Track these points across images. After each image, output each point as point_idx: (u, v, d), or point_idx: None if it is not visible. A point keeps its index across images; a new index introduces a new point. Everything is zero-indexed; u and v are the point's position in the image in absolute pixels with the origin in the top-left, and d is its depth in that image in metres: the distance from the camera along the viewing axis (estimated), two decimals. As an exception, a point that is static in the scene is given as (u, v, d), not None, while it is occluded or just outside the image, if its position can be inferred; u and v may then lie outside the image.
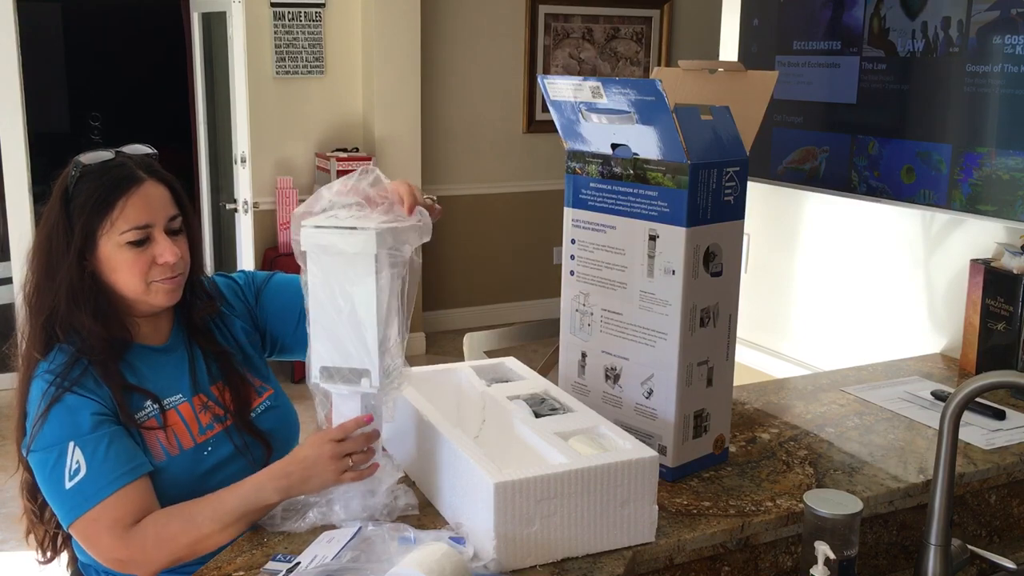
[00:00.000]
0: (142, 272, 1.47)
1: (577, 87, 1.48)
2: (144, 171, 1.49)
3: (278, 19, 4.98)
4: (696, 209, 1.42)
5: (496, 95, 5.81)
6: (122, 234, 1.45)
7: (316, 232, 1.30)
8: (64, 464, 1.39)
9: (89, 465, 1.39)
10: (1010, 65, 1.97)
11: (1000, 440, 1.72)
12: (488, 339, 2.33)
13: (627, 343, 1.52)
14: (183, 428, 1.52)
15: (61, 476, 1.40)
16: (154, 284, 1.49)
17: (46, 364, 1.46)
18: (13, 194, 4.63)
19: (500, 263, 6.00)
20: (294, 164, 5.17)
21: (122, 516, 1.39)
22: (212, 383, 1.58)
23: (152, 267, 1.48)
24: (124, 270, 1.47)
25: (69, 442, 1.40)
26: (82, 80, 8.30)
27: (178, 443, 1.50)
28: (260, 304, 1.70)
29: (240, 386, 1.60)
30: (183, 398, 1.54)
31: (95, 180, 1.47)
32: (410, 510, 1.38)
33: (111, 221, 1.45)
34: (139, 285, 1.48)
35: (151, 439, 1.48)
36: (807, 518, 1.31)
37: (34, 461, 1.45)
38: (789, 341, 2.71)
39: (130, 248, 1.46)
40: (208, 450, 1.52)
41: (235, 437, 1.56)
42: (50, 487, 1.43)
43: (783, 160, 2.53)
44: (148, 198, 1.47)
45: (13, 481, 1.63)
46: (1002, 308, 2.01)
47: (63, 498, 1.41)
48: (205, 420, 1.54)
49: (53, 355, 1.47)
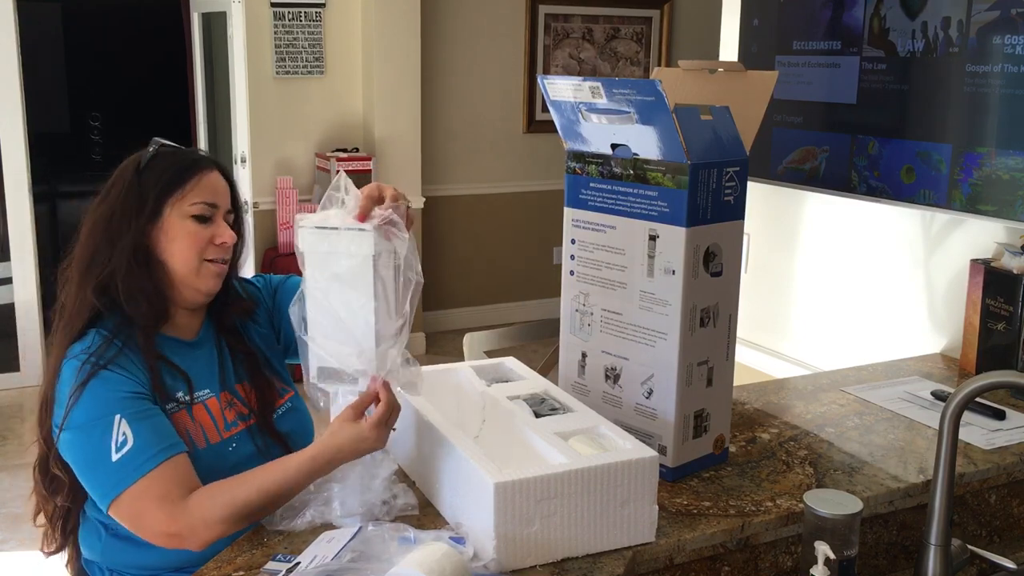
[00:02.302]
0: (199, 247, 1.53)
1: (577, 87, 1.48)
2: (214, 164, 1.59)
3: (278, 19, 4.98)
4: (696, 209, 1.42)
5: (496, 95, 5.81)
6: (191, 205, 1.52)
7: (314, 233, 1.30)
8: (110, 437, 1.40)
9: (137, 436, 1.40)
10: (1010, 65, 1.97)
11: (1000, 440, 1.72)
12: (488, 339, 2.33)
13: (627, 343, 1.52)
14: (210, 422, 1.54)
15: (107, 449, 1.40)
16: (205, 264, 1.54)
17: (80, 346, 1.48)
18: (13, 194, 4.63)
19: (500, 263, 6.00)
20: (294, 164, 5.17)
21: (169, 490, 1.39)
22: (238, 381, 1.62)
23: (209, 246, 1.54)
24: (184, 240, 1.52)
25: (115, 415, 1.41)
26: (82, 80, 8.30)
27: (204, 436, 1.53)
28: (276, 306, 1.74)
29: (266, 388, 1.64)
30: (211, 393, 1.57)
31: (171, 158, 1.56)
32: (409, 510, 1.38)
33: (183, 192, 1.52)
34: (193, 260, 1.52)
35: (180, 430, 1.49)
36: (807, 518, 1.31)
37: (71, 440, 1.44)
38: (789, 341, 2.71)
39: (194, 222, 1.52)
40: (233, 446, 1.55)
41: (256, 438, 1.59)
42: (94, 463, 1.42)
43: (783, 160, 2.53)
44: (216, 184, 1.57)
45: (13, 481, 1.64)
46: (1002, 308, 2.01)
47: (109, 471, 1.40)
48: (230, 417, 1.57)
49: (90, 337, 1.49)
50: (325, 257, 1.30)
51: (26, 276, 4.73)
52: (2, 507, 3.54)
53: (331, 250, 1.29)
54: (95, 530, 1.54)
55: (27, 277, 4.73)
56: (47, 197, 5.37)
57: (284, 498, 1.38)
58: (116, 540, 1.52)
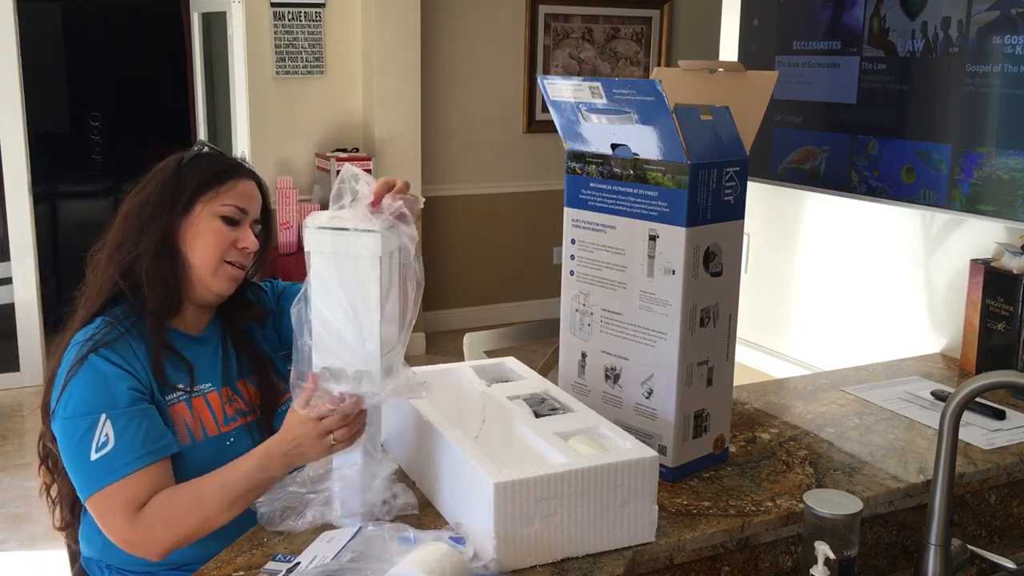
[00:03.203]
0: (222, 247, 1.57)
1: (577, 87, 1.48)
2: (252, 174, 1.65)
3: (278, 19, 4.98)
4: (696, 209, 1.42)
5: (496, 95, 5.81)
6: (222, 206, 1.57)
7: (322, 233, 1.30)
8: (93, 436, 1.43)
9: (118, 441, 1.43)
10: (1010, 65, 1.97)
11: (1000, 440, 1.72)
12: (488, 339, 2.33)
13: (627, 343, 1.52)
14: (209, 416, 1.58)
15: (88, 447, 1.43)
16: (224, 265, 1.58)
17: (82, 333, 1.52)
18: (13, 194, 4.63)
19: (500, 263, 6.00)
20: (294, 164, 5.17)
21: (135, 497, 1.42)
22: (240, 378, 1.65)
23: (231, 248, 1.58)
24: (209, 237, 1.56)
25: (101, 414, 1.44)
26: (82, 80, 8.30)
27: (203, 429, 1.56)
28: (279, 309, 1.77)
29: (270, 390, 1.67)
30: (212, 387, 1.61)
31: (213, 159, 1.62)
32: (409, 509, 1.38)
33: (218, 192, 1.57)
34: (213, 260, 1.56)
35: (179, 421, 1.53)
36: (807, 518, 1.31)
37: (60, 428, 1.48)
38: (789, 341, 2.71)
39: (222, 222, 1.57)
40: (230, 441, 1.58)
41: (255, 434, 1.61)
42: (74, 456, 1.45)
43: (783, 160, 2.53)
44: (250, 192, 1.62)
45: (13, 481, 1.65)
46: (1002, 308, 2.01)
47: (86, 470, 1.44)
48: (230, 412, 1.61)
49: (95, 324, 1.53)
50: (332, 257, 1.30)
51: (26, 276, 4.72)
52: (2, 507, 3.54)
53: (339, 250, 1.29)
54: (95, 526, 1.55)
55: (27, 277, 4.73)
56: (47, 197, 5.37)
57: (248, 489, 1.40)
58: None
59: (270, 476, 1.41)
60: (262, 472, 1.41)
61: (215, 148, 1.66)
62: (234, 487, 1.41)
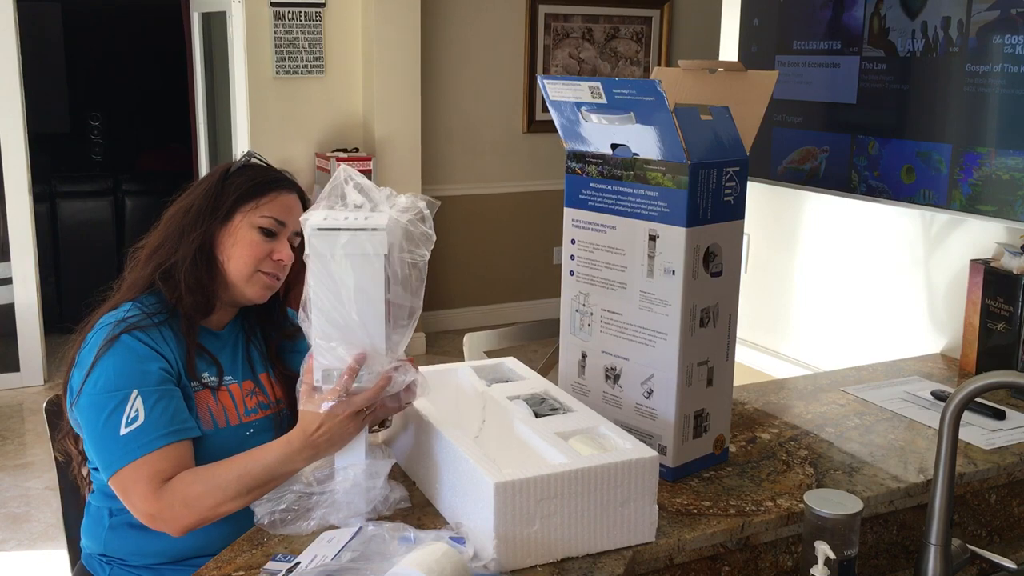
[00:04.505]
0: (257, 258, 1.59)
1: (577, 87, 1.48)
2: (295, 188, 1.67)
3: (278, 19, 4.98)
4: (696, 209, 1.42)
5: (496, 95, 5.81)
6: (261, 217, 1.59)
7: (322, 232, 1.30)
8: (124, 411, 1.46)
9: (147, 416, 1.46)
10: (1010, 65, 1.97)
11: (1000, 440, 1.72)
12: (488, 339, 2.33)
13: (627, 343, 1.52)
14: (231, 405, 1.61)
15: (118, 422, 1.45)
16: (258, 274, 1.60)
17: (111, 315, 1.55)
18: (13, 194, 4.63)
19: (500, 263, 6.00)
20: (294, 164, 5.16)
21: (161, 471, 1.44)
22: (263, 371, 1.69)
23: (266, 259, 1.60)
24: (245, 247, 1.58)
25: (133, 390, 1.47)
26: (82, 80, 8.30)
27: (225, 417, 1.59)
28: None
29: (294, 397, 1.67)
30: (234, 380, 1.64)
31: (257, 171, 1.65)
32: (403, 503, 1.39)
33: (258, 203, 1.60)
34: (247, 269, 1.59)
35: (202, 407, 1.56)
36: (807, 518, 1.31)
37: (88, 404, 1.49)
38: (789, 341, 2.71)
39: (259, 233, 1.59)
40: (251, 430, 1.62)
41: (277, 427, 1.64)
42: (102, 431, 1.47)
43: (783, 160, 2.53)
44: (291, 205, 1.64)
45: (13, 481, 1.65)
46: (1002, 308, 2.01)
47: (115, 444, 1.45)
48: (251, 404, 1.64)
49: (124, 308, 1.56)
50: (336, 257, 1.30)
51: (26, 276, 4.72)
52: (2, 507, 3.54)
53: (342, 250, 1.29)
54: (99, 517, 1.59)
55: (27, 277, 4.72)
56: (47, 197, 5.36)
57: (267, 480, 1.41)
58: (119, 527, 1.56)
59: (292, 468, 1.42)
60: (284, 465, 1.41)
61: (262, 159, 1.69)
62: (252, 477, 1.41)
